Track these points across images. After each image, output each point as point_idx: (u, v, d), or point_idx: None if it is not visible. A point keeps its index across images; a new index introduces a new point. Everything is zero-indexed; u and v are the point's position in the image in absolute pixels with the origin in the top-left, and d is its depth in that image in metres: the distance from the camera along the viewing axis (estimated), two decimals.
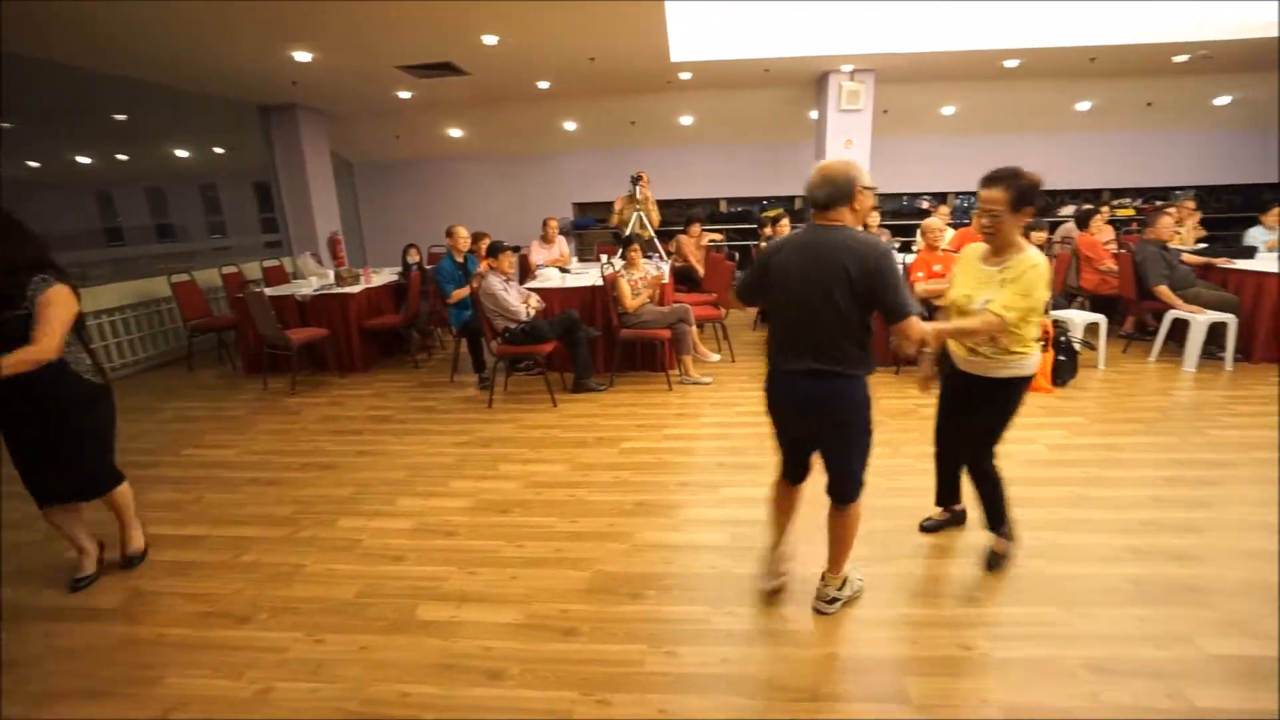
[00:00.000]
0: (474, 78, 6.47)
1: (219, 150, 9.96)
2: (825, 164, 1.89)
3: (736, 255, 8.03)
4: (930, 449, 2.60)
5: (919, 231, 4.88)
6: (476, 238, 5.66)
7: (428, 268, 6.33)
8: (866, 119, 6.89)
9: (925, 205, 9.33)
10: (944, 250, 4.75)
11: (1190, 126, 8.81)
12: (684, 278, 6.24)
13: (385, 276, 6.26)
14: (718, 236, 7.28)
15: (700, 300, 5.63)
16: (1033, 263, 2.06)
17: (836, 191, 1.85)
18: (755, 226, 8.34)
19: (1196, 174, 9.16)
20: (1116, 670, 1.86)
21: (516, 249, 4.63)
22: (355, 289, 5.52)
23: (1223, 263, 5.18)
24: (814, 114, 7.78)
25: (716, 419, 4.04)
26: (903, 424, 3.81)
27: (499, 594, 2.32)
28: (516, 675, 1.92)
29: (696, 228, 6.43)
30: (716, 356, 5.30)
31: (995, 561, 2.38)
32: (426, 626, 2.16)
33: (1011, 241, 2.10)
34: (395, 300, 6.09)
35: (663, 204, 6.74)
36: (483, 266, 4.67)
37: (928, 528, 2.62)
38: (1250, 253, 5.46)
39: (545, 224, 6.30)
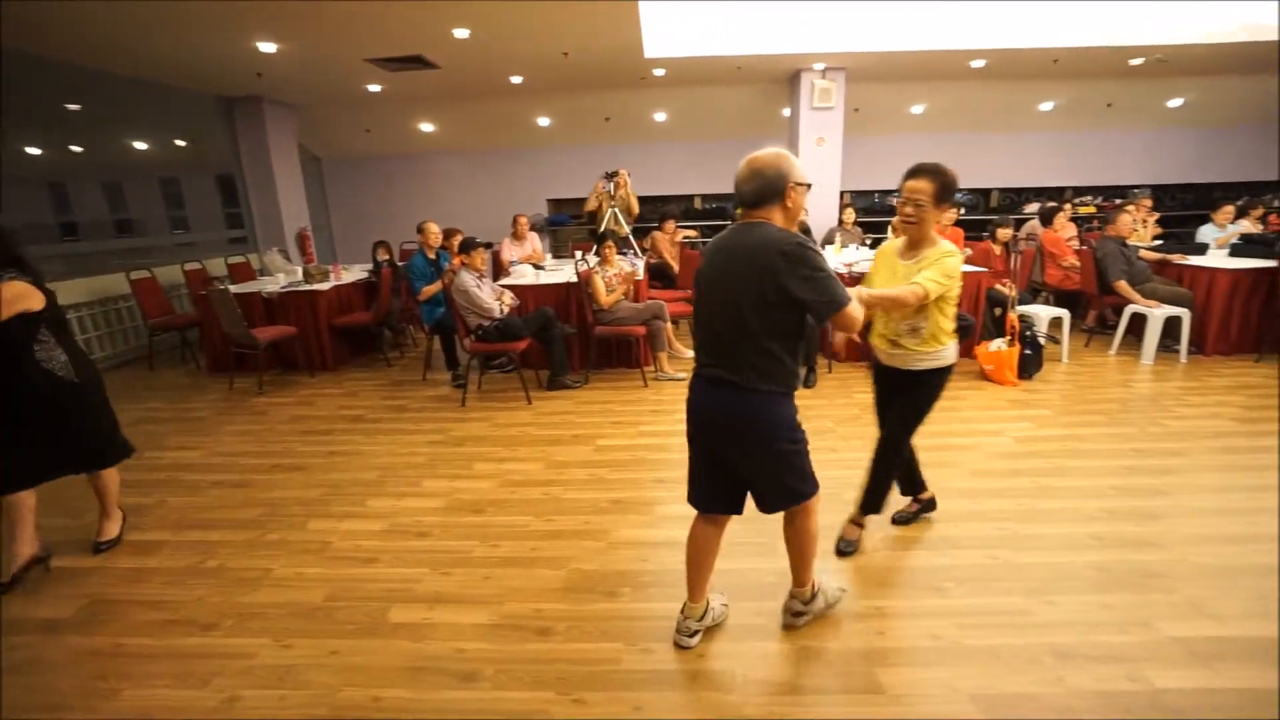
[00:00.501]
0: (445, 71, 6.36)
1: (180, 143, 9.64)
2: (754, 156, 1.70)
3: None
4: None
5: (890, 228, 4.94)
6: (449, 234, 5.58)
7: (399, 264, 6.22)
8: (838, 117, 6.97)
9: (896, 202, 9.47)
10: None
11: (1146, 127, 9.10)
12: (659, 274, 6.24)
13: (356, 273, 6.13)
14: (692, 233, 7.31)
15: (675, 297, 5.63)
16: (948, 251, 2.13)
17: (766, 186, 1.67)
18: (729, 223, 8.38)
19: (1152, 173, 9.48)
20: (1080, 655, 1.91)
21: (489, 245, 4.57)
22: (325, 286, 5.40)
23: (1177, 259, 5.37)
24: (787, 111, 7.84)
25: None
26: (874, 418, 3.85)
27: (473, 595, 2.29)
28: (491, 676, 1.90)
29: (671, 224, 6.43)
30: (691, 353, 5.31)
31: (849, 548, 2.46)
32: (398, 629, 2.12)
33: (928, 234, 2.17)
34: (366, 298, 5.97)
35: (638, 201, 6.72)
36: (455, 263, 4.60)
37: (900, 520, 2.67)
38: (1202, 250, 5.66)
39: (515, 221, 6.23)
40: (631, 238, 6.20)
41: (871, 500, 2.46)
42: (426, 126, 8.78)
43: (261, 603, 2.29)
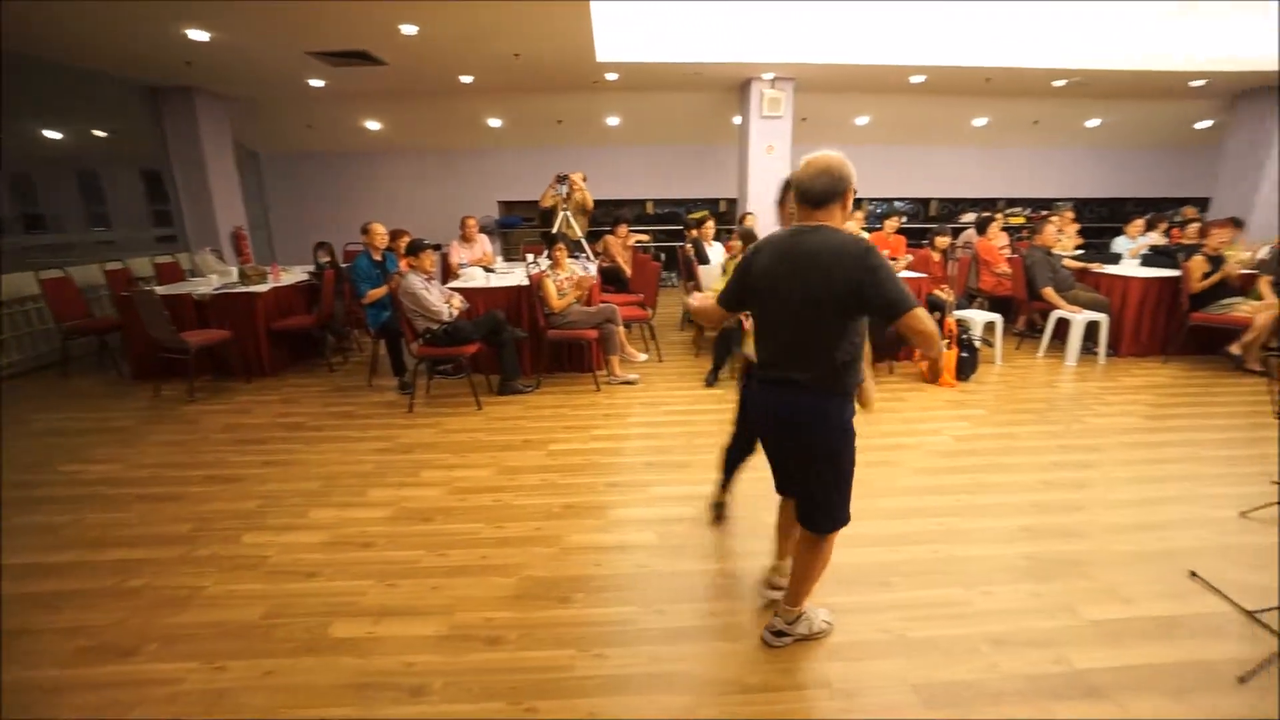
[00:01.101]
0: (392, 68, 6.20)
1: (100, 133, 9.03)
2: (816, 156, 1.69)
3: (663, 256, 8.13)
4: None
5: None
6: (395, 235, 5.43)
7: (343, 266, 6.01)
8: (787, 126, 7.15)
9: None
10: None
11: (1067, 144, 9.74)
12: (611, 278, 6.24)
13: (296, 275, 5.89)
14: (644, 237, 7.34)
15: (627, 300, 5.65)
16: None
17: (834, 185, 1.66)
18: (682, 228, 8.47)
19: (1073, 187, 10.15)
20: (1012, 642, 2.02)
21: (438, 247, 4.47)
22: (262, 288, 5.16)
23: (1095, 268, 5.76)
24: (737, 119, 7.99)
25: (644, 419, 4.06)
26: None
27: (421, 606, 2.23)
28: (440, 689, 1.85)
29: (623, 228, 6.44)
30: (644, 356, 5.33)
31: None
32: (341, 645, 2.04)
33: None
34: (307, 300, 5.74)
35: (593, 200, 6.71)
36: (403, 265, 4.48)
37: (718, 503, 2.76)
38: (1116, 259, 6.10)
39: (463, 223, 6.11)
40: (584, 241, 6.18)
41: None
42: (373, 124, 8.53)
43: (190, 623, 2.16)
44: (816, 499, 1.84)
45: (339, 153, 9.18)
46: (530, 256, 5.61)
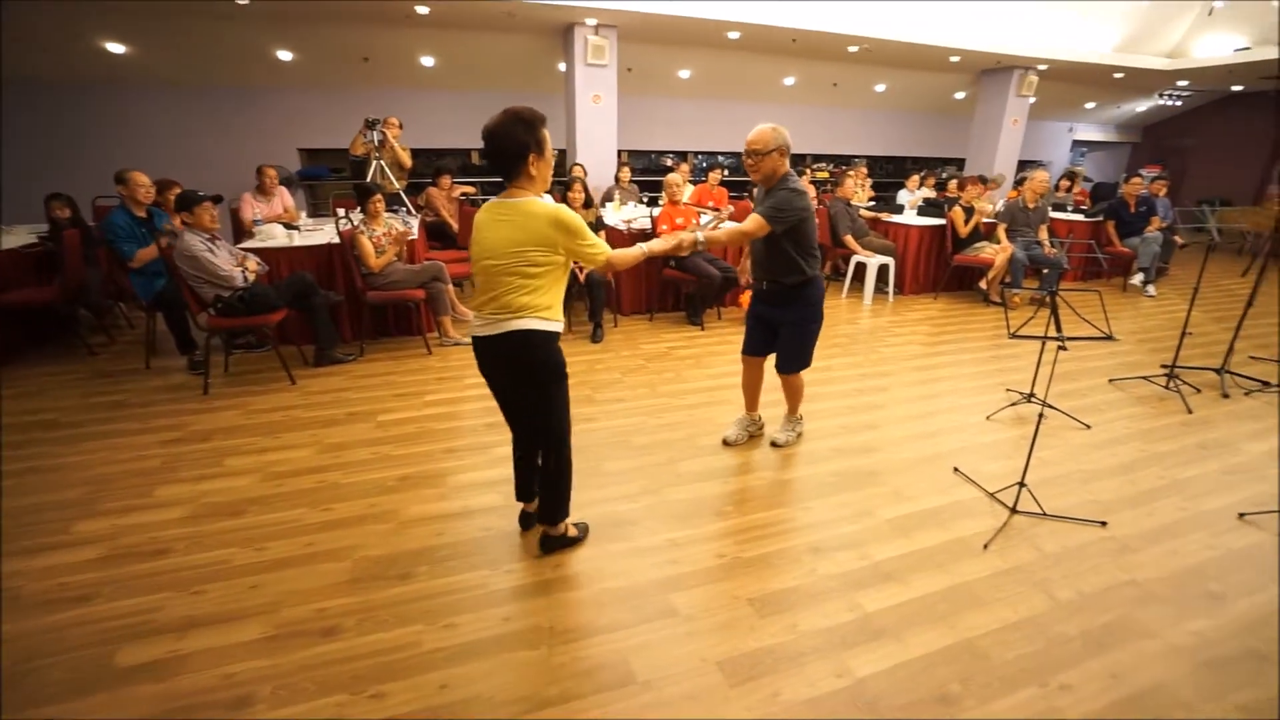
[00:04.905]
0: None
1: None
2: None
3: None
4: (686, 386, 2.81)
5: (664, 186, 5.22)
6: (163, 187, 4.54)
7: (91, 224, 4.92)
8: (612, 75, 7.07)
9: (669, 163, 10.05)
10: (684, 204, 5.17)
11: (860, 106, 10.86)
12: (437, 233, 5.84)
13: (21, 237, 4.70)
14: (470, 189, 6.91)
15: (456, 257, 5.33)
16: None
17: None
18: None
19: (867, 145, 11.40)
20: (827, 548, 2.31)
21: (219, 200, 3.81)
22: None
23: (885, 217, 6.58)
24: (563, 66, 7.74)
25: (482, 379, 3.91)
26: (660, 365, 4.14)
27: (237, 609, 1.97)
28: (268, 695, 1.67)
29: (447, 180, 6.01)
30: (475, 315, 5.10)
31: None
32: (134, 673, 1.74)
33: None
34: (44, 269, 4.62)
35: (409, 154, 6.13)
36: (177, 223, 3.76)
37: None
38: (900, 210, 7.02)
39: (261, 172, 5.28)
40: (403, 194, 5.67)
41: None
42: (115, 47, 6.89)
43: None
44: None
45: (68, 82, 7.30)
46: (341, 211, 5.01)
